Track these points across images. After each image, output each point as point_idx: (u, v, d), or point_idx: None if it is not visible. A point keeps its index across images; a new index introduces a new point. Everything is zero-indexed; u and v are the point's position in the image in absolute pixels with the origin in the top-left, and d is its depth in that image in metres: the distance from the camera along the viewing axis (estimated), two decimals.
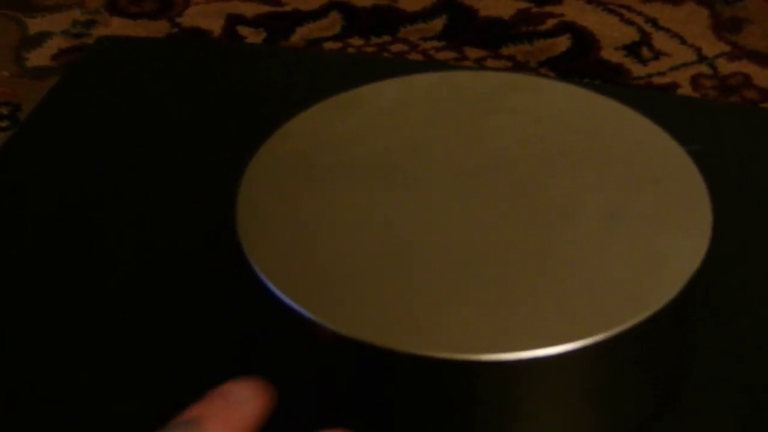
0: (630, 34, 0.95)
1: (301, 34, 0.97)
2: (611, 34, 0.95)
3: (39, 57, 0.93)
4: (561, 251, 0.38)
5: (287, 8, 1.01)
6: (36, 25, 0.98)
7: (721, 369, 0.41)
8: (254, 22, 0.98)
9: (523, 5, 0.99)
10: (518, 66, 0.91)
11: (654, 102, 0.46)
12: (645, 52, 0.92)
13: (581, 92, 0.46)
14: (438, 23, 0.97)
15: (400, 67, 0.51)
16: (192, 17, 0.99)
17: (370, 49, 0.93)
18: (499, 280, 0.37)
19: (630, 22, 0.96)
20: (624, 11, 0.98)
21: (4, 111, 0.85)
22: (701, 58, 0.91)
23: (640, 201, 0.40)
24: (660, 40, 0.94)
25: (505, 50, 0.93)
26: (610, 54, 0.92)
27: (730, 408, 0.40)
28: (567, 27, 0.96)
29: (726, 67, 0.90)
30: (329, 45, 0.94)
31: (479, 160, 0.42)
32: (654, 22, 0.96)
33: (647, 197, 0.40)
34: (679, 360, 0.41)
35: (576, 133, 0.44)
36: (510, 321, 0.36)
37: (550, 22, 0.97)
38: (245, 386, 0.36)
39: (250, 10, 1.00)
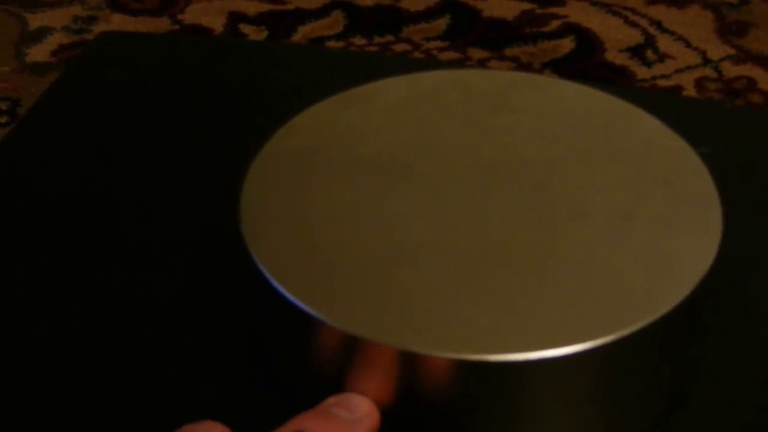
0: (634, 37, 0.94)
1: (303, 32, 0.96)
2: (615, 36, 0.94)
3: (39, 53, 0.92)
4: (570, 251, 0.38)
5: (289, 6, 1.00)
6: (36, 20, 0.97)
7: (730, 371, 0.41)
8: (256, 20, 0.98)
9: (527, 6, 0.99)
10: (522, 67, 0.91)
11: (660, 103, 0.46)
12: (649, 54, 0.92)
13: (590, 92, 0.45)
14: (441, 23, 0.97)
15: (405, 65, 0.50)
16: (193, 14, 0.99)
17: (372, 49, 0.93)
18: (507, 279, 0.37)
19: (634, 25, 0.96)
20: (628, 13, 0.97)
21: (4, 106, 0.85)
22: (706, 61, 0.91)
23: (650, 201, 0.40)
24: (664, 43, 0.93)
25: (509, 51, 0.93)
26: (614, 56, 0.92)
27: (738, 411, 0.39)
28: (571, 28, 0.96)
29: (731, 70, 0.90)
30: (331, 44, 0.94)
31: (487, 159, 0.42)
32: (658, 25, 0.96)
33: (658, 198, 0.40)
34: (688, 362, 0.40)
35: (586, 132, 0.43)
36: (518, 321, 0.35)
37: (554, 24, 0.97)
38: (364, 403, 0.34)
39: (252, 8, 1.00)
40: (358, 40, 0.95)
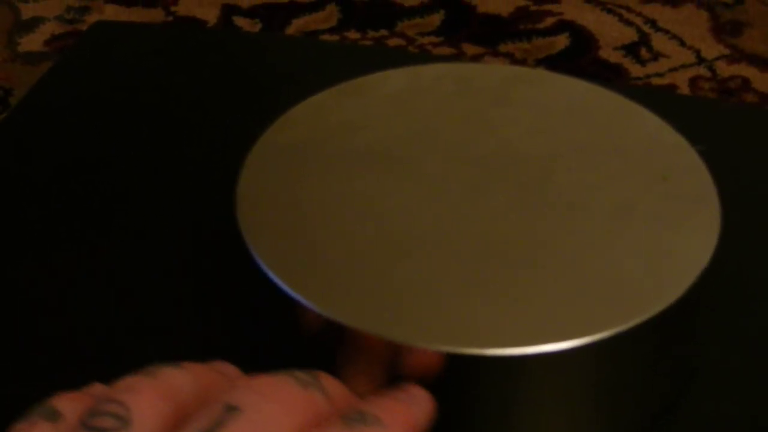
0: (629, 35, 0.94)
1: (297, 25, 0.96)
2: (610, 33, 0.94)
3: (32, 42, 0.92)
4: (567, 246, 0.37)
5: None
6: (29, 9, 0.97)
7: (726, 370, 0.41)
8: (250, 13, 0.98)
9: (522, 2, 0.99)
10: (516, 63, 0.91)
11: (655, 100, 0.46)
12: (644, 52, 0.92)
13: (589, 87, 0.45)
14: (435, 18, 0.96)
15: (402, 58, 0.50)
16: (187, 6, 0.98)
17: (366, 43, 0.92)
18: (503, 274, 0.37)
19: (629, 23, 0.96)
20: (623, 11, 0.97)
21: None
22: (700, 60, 0.91)
23: (648, 197, 0.40)
24: (659, 41, 0.93)
25: (503, 47, 0.92)
26: (609, 54, 0.92)
27: (734, 410, 0.39)
28: (565, 26, 0.96)
29: (725, 69, 0.90)
30: (325, 38, 0.93)
31: (485, 152, 0.42)
32: (653, 23, 0.96)
33: (656, 194, 0.40)
34: (684, 360, 0.40)
35: (584, 127, 0.43)
36: (514, 316, 0.35)
37: (549, 20, 0.96)
38: (423, 392, 0.34)
39: (246, 0, 0.99)
40: (352, 35, 0.94)
